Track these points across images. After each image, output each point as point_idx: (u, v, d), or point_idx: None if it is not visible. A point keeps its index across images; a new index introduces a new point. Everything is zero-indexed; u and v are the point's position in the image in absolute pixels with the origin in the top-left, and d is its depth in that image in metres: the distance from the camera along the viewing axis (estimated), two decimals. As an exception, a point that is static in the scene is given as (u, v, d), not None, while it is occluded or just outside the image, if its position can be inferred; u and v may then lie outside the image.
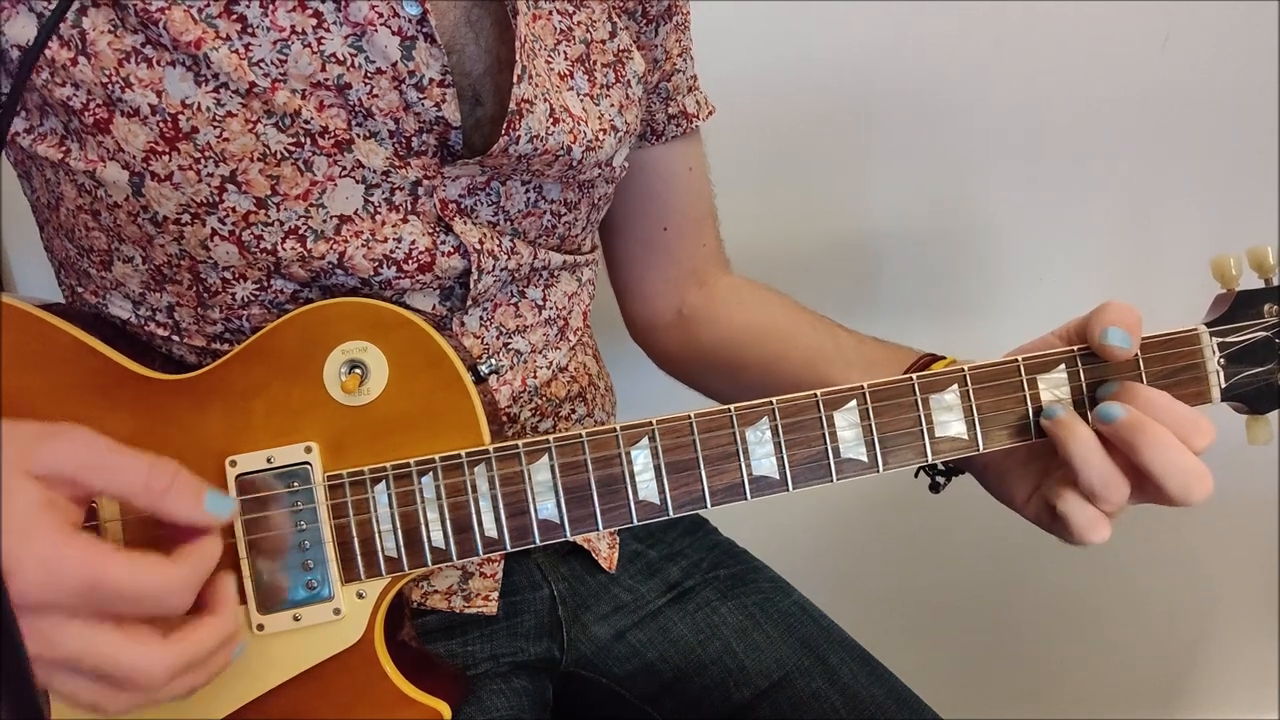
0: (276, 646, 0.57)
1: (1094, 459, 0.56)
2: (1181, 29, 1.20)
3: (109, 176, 0.58)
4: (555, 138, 0.64)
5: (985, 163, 1.23)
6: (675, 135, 0.81)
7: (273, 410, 0.58)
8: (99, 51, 0.56)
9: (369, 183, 0.61)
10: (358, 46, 0.58)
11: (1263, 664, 1.48)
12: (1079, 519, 0.57)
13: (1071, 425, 0.57)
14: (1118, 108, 1.22)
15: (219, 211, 0.59)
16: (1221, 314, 0.61)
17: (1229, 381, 0.60)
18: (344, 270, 0.61)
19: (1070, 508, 0.57)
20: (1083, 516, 0.57)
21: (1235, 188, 1.27)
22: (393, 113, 0.60)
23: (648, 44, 0.76)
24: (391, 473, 0.57)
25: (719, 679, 0.76)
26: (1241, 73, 1.22)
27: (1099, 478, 0.56)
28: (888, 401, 0.59)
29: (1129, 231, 1.28)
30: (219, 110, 0.57)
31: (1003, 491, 0.65)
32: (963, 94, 1.20)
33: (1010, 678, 1.47)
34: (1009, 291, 1.28)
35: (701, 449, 0.58)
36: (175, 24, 0.55)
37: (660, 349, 0.88)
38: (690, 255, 0.85)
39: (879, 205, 1.23)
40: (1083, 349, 0.60)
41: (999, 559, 1.38)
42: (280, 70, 0.57)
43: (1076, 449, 0.57)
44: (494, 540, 0.57)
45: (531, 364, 0.72)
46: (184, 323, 0.64)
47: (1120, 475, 0.56)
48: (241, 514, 0.56)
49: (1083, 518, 0.57)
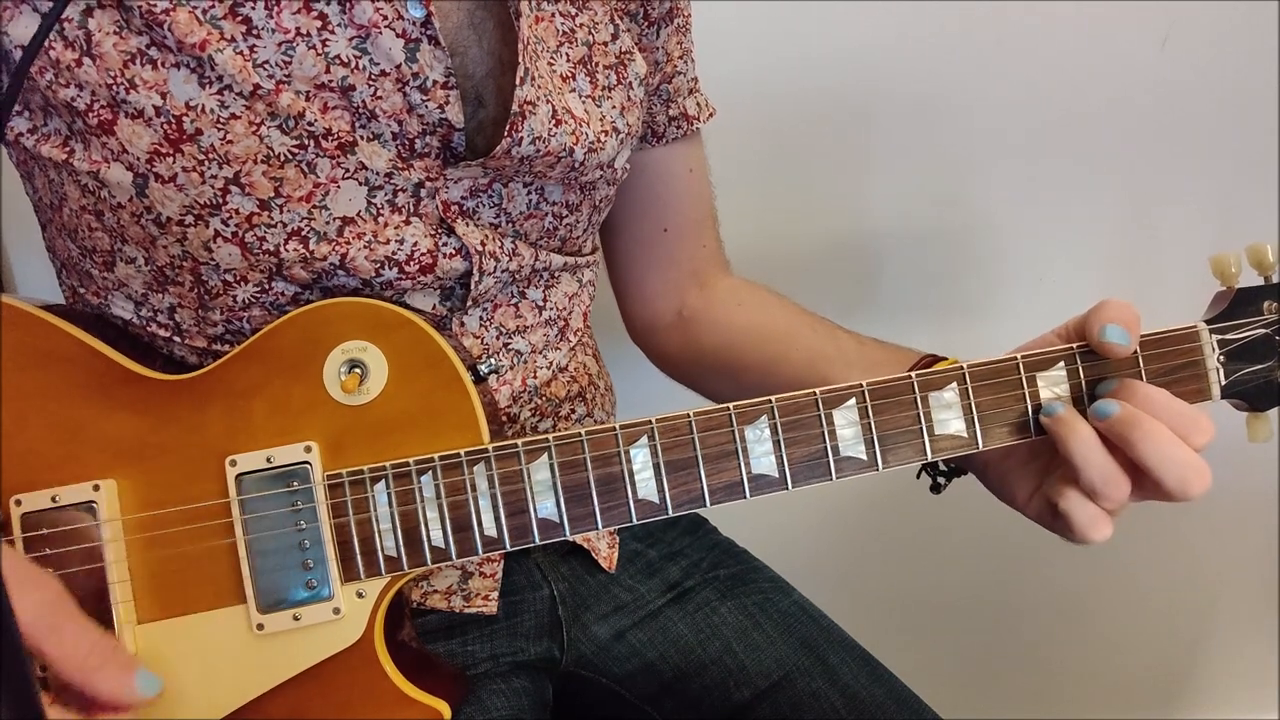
0: (276, 646, 0.57)
1: (1094, 456, 0.56)
2: (1181, 29, 1.20)
3: (113, 177, 0.58)
4: (557, 139, 0.64)
5: (985, 163, 1.23)
6: (676, 137, 0.81)
7: (273, 410, 0.58)
8: (104, 53, 0.56)
9: (372, 184, 0.61)
10: (362, 49, 0.58)
11: (1263, 664, 1.48)
12: (1080, 517, 0.57)
13: (1071, 422, 0.57)
14: (1118, 108, 1.22)
15: (222, 213, 0.59)
16: (1221, 311, 0.61)
17: (1229, 379, 0.60)
18: (346, 271, 0.61)
19: (1072, 506, 0.57)
20: (1084, 514, 0.57)
21: (1235, 187, 1.27)
22: (396, 115, 0.60)
23: (649, 46, 0.76)
24: (391, 472, 0.57)
25: (719, 679, 0.76)
26: (1241, 73, 1.22)
27: (1099, 475, 0.56)
28: (887, 399, 0.59)
29: (1129, 231, 1.28)
30: (223, 112, 0.57)
31: (1004, 491, 0.65)
32: (963, 94, 1.20)
33: (1010, 678, 1.47)
34: (1009, 291, 1.28)
35: (701, 448, 0.58)
36: (180, 26, 0.55)
37: (660, 350, 0.88)
38: (690, 257, 0.85)
39: (879, 205, 1.23)
40: (1082, 347, 0.60)
41: (999, 559, 1.38)
42: (285, 72, 0.57)
43: (1077, 446, 0.56)
44: (493, 539, 0.57)
45: (531, 364, 0.72)
46: (185, 324, 0.64)
47: (1121, 472, 0.56)
48: (242, 514, 0.56)
49: (1084, 516, 0.57)
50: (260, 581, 0.56)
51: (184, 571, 0.57)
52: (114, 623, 0.56)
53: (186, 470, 0.57)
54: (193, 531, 0.57)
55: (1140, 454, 0.55)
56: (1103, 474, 0.56)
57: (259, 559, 0.56)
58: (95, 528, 0.56)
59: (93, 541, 0.56)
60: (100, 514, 0.56)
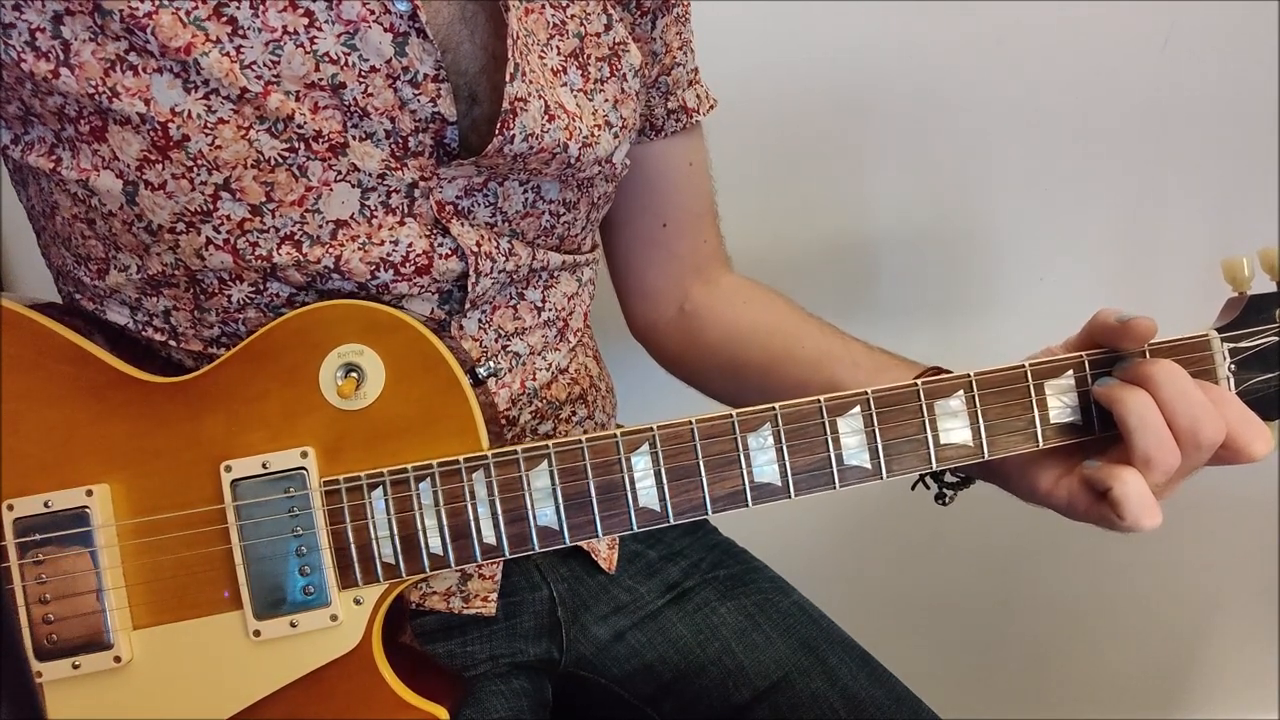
0: (273, 652, 0.57)
1: (1151, 417, 0.55)
2: (1181, 30, 1.20)
3: (102, 185, 0.57)
4: (550, 135, 0.63)
5: (985, 163, 1.22)
6: (675, 130, 0.80)
7: (268, 414, 0.57)
8: (83, 61, 0.54)
9: (365, 186, 0.60)
10: (351, 45, 0.57)
11: (1263, 664, 1.48)
12: (1135, 500, 0.55)
13: (1125, 388, 0.57)
14: (1118, 108, 1.22)
15: (213, 219, 0.58)
16: (1233, 319, 0.60)
17: (1240, 387, 0.60)
18: (340, 274, 0.61)
19: (1128, 489, 0.55)
20: (1140, 498, 0.55)
21: (1235, 188, 1.26)
22: (388, 111, 0.59)
23: (645, 37, 0.75)
24: (389, 478, 0.56)
25: (718, 679, 0.75)
26: (1241, 73, 1.22)
27: (1155, 438, 0.55)
28: (892, 408, 0.58)
29: (1129, 232, 1.28)
30: (210, 117, 0.56)
31: (1022, 483, 0.63)
32: (963, 94, 1.19)
33: (1010, 678, 1.47)
34: (1009, 291, 1.28)
35: (703, 455, 0.57)
36: (164, 30, 0.54)
37: (662, 346, 0.87)
38: (691, 251, 0.84)
39: (878, 205, 1.23)
40: (1091, 354, 0.59)
41: (999, 559, 1.38)
42: (273, 72, 0.56)
43: (1134, 407, 0.56)
44: (492, 547, 0.57)
45: (531, 366, 0.72)
46: (180, 327, 0.63)
47: (1172, 438, 0.55)
48: (237, 519, 0.56)
49: (1139, 499, 0.55)
50: (256, 587, 0.56)
51: (179, 577, 0.56)
52: (109, 628, 0.56)
53: (181, 475, 0.57)
54: (188, 537, 0.56)
55: (1158, 391, 0.55)
56: (1158, 437, 0.55)
57: (255, 565, 0.56)
58: (89, 533, 0.55)
59: (87, 547, 0.55)
60: (94, 519, 0.55)
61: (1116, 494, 0.56)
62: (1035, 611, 1.43)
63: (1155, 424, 0.55)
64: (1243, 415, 0.57)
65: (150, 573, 0.56)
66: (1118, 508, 0.56)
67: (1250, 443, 0.56)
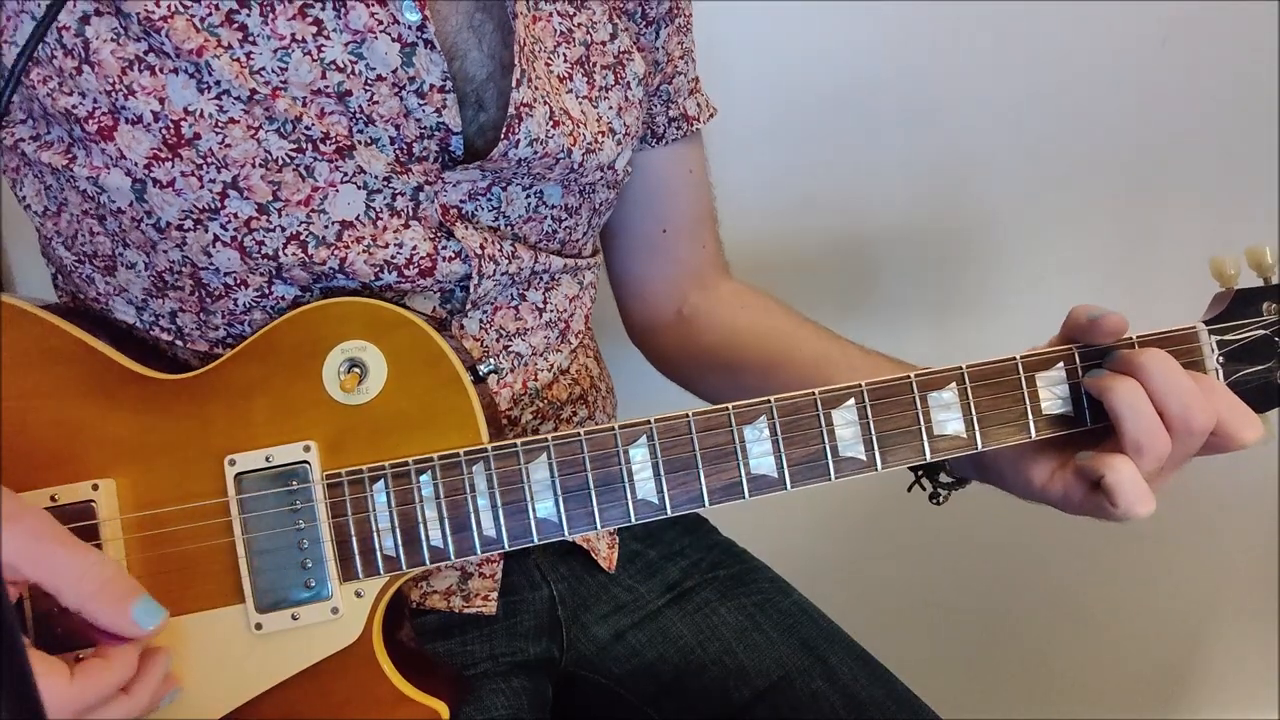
0: (275, 646, 0.57)
1: (1141, 405, 0.56)
2: (1181, 29, 1.20)
3: (112, 183, 0.58)
4: (555, 141, 0.64)
5: (984, 162, 1.23)
6: (676, 138, 0.81)
7: (272, 409, 0.58)
8: (102, 60, 0.56)
9: (370, 188, 0.61)
10: (358, 54, 0.58)
11: (1263, 664, 1.48)
12: (1128, 488, 0.56)
13: (1115, 377, 0.57)
14: (1117, 108, 1.22)
15: (221, 217, 0.59)
16: (1220, 312, 0.61)
17: (1228, 380, 0.60)
18: (345, 275, 0.61)
19: (1121, 477, 0.56)
20: (1132, 485, 0.56)
21: (1235, 188, 1.26)
22: (393, 119, 0.60)
23: (648, 46, 0.76)
24: (390, 472, 0.57)
25: (718, 679, 0.76)
26: (1241, 73, 1.22)
27: (1147, 425, 0.56)
28: (886, 400, 0.59)
29: (1129, 231, 1.28)
30: (221, 116, 0.57)
31: (1017, 478, 0.63)
32: (962, 94, 1.20)
33: (1010, 678, 1.47)
34: (1009, 291, 1.28)
35: (700, 448, 0.58)
36: (177, 33, 0.55)
37: (659, 350, 0.88)
38: (690, 256, 0.85)
39: (878, 205, 1.23)
40: (1080, 347, 0.60)
41: (999, 559, 1.38)
42: (281, 78, 0.57)
43: (1124, 395, 0.56)
44: (492, 539, 0.57)
45: (532, 366, 0.72)
46: (186, 328, 0.64)
47: (1162, 426, 0.56)
48: (241, 513, 0.56)
49: (1132, 486, 0.56)
50: (259, 581, 0.56)
51: (183, 570, 0.57)
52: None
53: (185, 469, 0.57)
54: (191, 531, 0.57)
55: (1148, 380, 0.56)
56: (1149, 422, 0.56)
57: (257, 558, 0.56)
58: (94, 527, 0.56)
59: (92, 540, 0.56)
60: (99, 513, 0.56)
61: (1109, 481, 0.56)
62: (1035, 611, 1.43)
63: (1145, 410, 0.56)
64: (1232, 402, 0.57)
65: (154, 566, 0.57)
66: (1111, 495, 0.56)
67: (1240, 429, 0.57)
